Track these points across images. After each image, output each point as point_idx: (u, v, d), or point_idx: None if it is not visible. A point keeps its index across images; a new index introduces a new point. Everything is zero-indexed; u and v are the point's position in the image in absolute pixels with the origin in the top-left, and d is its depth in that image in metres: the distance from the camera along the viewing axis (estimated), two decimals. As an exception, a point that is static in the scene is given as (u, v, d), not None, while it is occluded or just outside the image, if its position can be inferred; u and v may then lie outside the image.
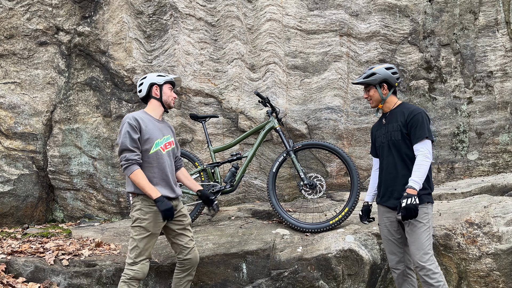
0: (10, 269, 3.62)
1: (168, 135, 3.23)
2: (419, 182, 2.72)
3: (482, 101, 5.03)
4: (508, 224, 3.50)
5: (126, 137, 2.99)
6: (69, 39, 5.26)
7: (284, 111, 5.02)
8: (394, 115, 2.97)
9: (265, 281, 3.61)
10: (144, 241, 3.03)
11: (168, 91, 3.27)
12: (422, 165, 2.75)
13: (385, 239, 3.04)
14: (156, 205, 2.96)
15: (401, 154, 2.89)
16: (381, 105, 3.03)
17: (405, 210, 2.67)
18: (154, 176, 3.07)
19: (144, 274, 3.03)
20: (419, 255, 2.75)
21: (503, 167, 4.97)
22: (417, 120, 2.83)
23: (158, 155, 3.10)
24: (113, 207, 5.20)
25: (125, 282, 3.00)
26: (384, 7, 5.13)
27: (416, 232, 2.78)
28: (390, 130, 2.95)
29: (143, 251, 3.03)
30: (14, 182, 5.03)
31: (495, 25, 5.05)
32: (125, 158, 2.98)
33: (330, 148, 4.09)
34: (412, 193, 2.69)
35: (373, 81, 2.98)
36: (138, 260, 3.02)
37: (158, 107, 3.25)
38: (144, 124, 3.08)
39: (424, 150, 2.77)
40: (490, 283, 3.42)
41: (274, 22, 5.14)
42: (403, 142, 2.88)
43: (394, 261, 2.99)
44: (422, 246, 2.75)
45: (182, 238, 3.25)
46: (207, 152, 5.09)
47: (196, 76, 5.11)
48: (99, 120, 5.21)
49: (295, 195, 5.14)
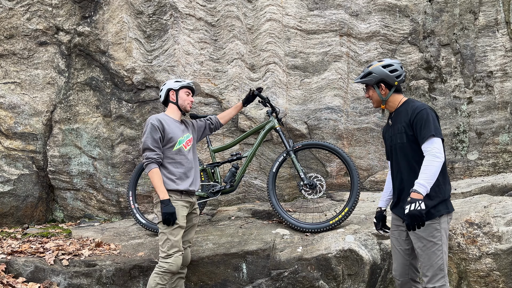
0: (10, 269, 3.62)
1: (187, 134, 3.47)
2: (425, 185, 2.43)
3: (482, 101, 5.03)
4: (508, 224, 3.50)
5: (148, 137, 3.23)
6: (69, 39, 5.26)
7: (284, 111, 5.02)
8: (399, 114, 2.72)
9: (265, 281, 3.61)
10: (174, 233, 3.15)
11: (184, 96, 3.47)
12: (429, 166, 2.45)
13: (392, 247, 2.85)
14: (160, 206, 3.14)
15: (407, 159, 2.64)
16: (383, 105, 2.79)
17: (408, 217, 2.40)
18: (179, 171, 3.28)
19: (178, 266, 3.13)
20: (430, 276, 2.53)
21: (503, 167, 4.97)
22: (421, 117, 2.56)
23: (181, 152, 3.34)
24: (113, 207, 5.20)
25: (158, 274, 3.08)
26: (384, 7, 5.13)
27: (425, 252, 2.55)
28: (395, 132, 2.71)
29: (175, 242, 3.14)
30: (14, 182, 5.03)
31: (495, 25, 5.05)
32: (146, 156, 3.22)
33: (330, 148, 4.09)
34: (416, 197, 2.40)
35: (369, 81, 2.76)
36: (172, 252, 3.12)
37: (176, 111, 3.49)
38: (166, 124, 3.32)
39: (432, 148, 2.48)
40: (490, 283, 3.42)
41: (274, 22, 5.14)
42: (408, 145, 2.63)
43: (398, 271, 2.80)
44: (433, 267, 2.52)
45: (183, 237, 3.34)
46: (207, 152, 5.09)
47: (196, 76, 5.11)
48: (99, 120, 5.21)
49: (295, 195, 5.14)
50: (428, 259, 2.53)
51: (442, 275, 2.53)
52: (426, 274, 2.55)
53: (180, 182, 3.27)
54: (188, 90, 3.52)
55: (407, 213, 2.42)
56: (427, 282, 2.55)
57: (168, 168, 3.27)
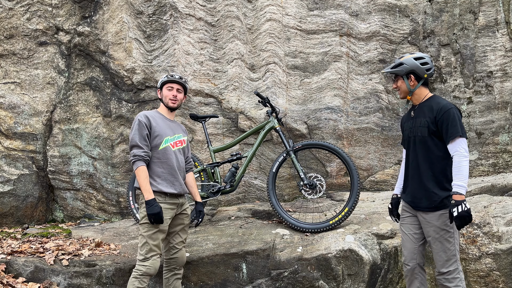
0: (10, 269, 3.61)
1: (179, 134, 3.34)
2: (463, 185, 2.56)
3: (482, 101, 5.03)
4: (508, 224, 3.50)
5: (136, 134, 3.12)
6: (69, 39, 5.26)
7: (284, 111, 5.02)
8: (423, 109, 2.81)
9: (265, 281, 3.61)
10: (153, 237, 3.06)
11: (165, 92, 3.33)
12: (462, 166, 2.58)
13: (402, 233, 2.96)
14: (145, 207, 3.03)
15: (427, 151, 2.76)
16: (409, 97, 2.88)
17: (458, 219, 2.51)
18: (163, 171, 3.16)
19: (155, 269, 3.07)
20: (443, 262, 2.68)
21: (503, 167, 4.97)
22: (447, 116, 2.65)
23: (167, 151, 3.20)
24: (113, 207, 5.20)
25: (136, 278, 3.02)
26: (384, 7, 5.13)
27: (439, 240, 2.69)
28: (417, 125, 2.81)
29: (153, 247, 3.06)
30: (14, 182, 5.03)
31: (495, 25, 5.05)
32: (133, 154, 3.10)
33: (330, 148, 4.09)
34: (459, 199, 2.53)
35: (400, 71, 2.84)
36: (149, 256, 3.05)
37: (164, 108, 3.37)
38: (154, 121, 3.21)
39: (460, 149, 2.61)
40: (490, 283, 3.42)
41: (274, 22, 5.14)
42: (429, 139, 2.74)
43: (408, 256, 2.90)
44: (446, 253, 2.67)
45: (175, 238, 3.28)
46: (207, 152, 5.09)
47: (196, 76, 5.11)
48: (99, 120, 5.21)
49: (295, 195, 5.14)
50: (442, 246, 2.66)
51: (455, 260, 2.67)
52: (440, 260, 2.68)
53: (164, 184, 3.14)
54: (172, 85, 3.32)
55: (456, 215, 2.52)
56: (441, 267, 2.68)
57: (152, 168, 3.15)
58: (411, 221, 2.90)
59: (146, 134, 3.13)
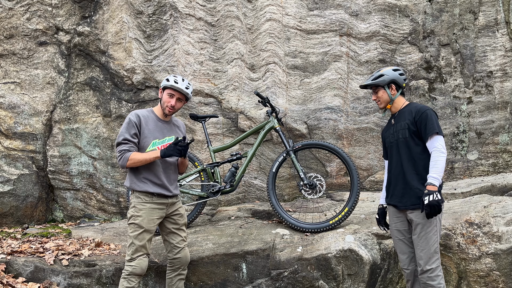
0: (10, 269, 3.61)
1: (171, 136, 3.25)
2: (437, 177, 2.73)
3: (482, 101, 5.03)
4: (508, 224, 3.50)
5: (123, 132, 3.10)
6: (69, 39, 5.26)
7: (284, 111, 5.02)
8: (402, 114, 3.02)
9: (265, 281, 3.61)
10: (139, 237, 3.06)
11: (165, 97, 3.21)
12: (438, 161, 2.77)
13: (395, 239, 3.04)
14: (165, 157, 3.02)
15: (409, 152, 2.92)
16: (390, 105, 3.08)
17: (428, 207, 2.68)
18: (149, 172, 3.12)
19: (142, 269, 3.06)
20: (426, 259, 2.78)
21: (503, 167, 4.97)
22: (425, 116, 2.87)
23: None
24: (113, 207, 5.20)
25: (124, 278, 3.04)
26: (384, 7, 5.13)
27: (424, 237, 2.80)
28: (398, 129, 3.00)
29: (139, 247, 3.05)
30: (14, 182, 5.03)
31: (495, 25, 5.05)
32: (118, 150, 3.08)
33: (330, 148, 4.09)
34: (432, 189, 2.70)
35: (382, 82, 3.04)
36: (135, 256, 3.05)
37: (160, 109, 3.28)
38: (145, 122, 3.15)
39: (438, 146, 2.80)
40: (490, 283, 3.42)
41: (274, 22, 5.14)
42: (411, 139, 2.91)
43: (405, 261, 2.98)
44: (429, 249, 2.78)
45: (174, 237, 3.27)
46: (207, 152, 5.09)
47: (196, 76, 5.11)
48: (99, 120, 5.21)
49: (295, 195, 5.14)
50: (426, 243, 2.79)
51: (437, 257, 2.81)
52: (423, 258, 2.80)
53: (150, 184, 3.10)
54: (173, 92, 3.18)
55: (426, 203, 2.68)
56: (425, 264, 2.79)
57: (138, 169, 3.10)
58: (401, 226, 2.99)
59: (135, 133, 3.09)
